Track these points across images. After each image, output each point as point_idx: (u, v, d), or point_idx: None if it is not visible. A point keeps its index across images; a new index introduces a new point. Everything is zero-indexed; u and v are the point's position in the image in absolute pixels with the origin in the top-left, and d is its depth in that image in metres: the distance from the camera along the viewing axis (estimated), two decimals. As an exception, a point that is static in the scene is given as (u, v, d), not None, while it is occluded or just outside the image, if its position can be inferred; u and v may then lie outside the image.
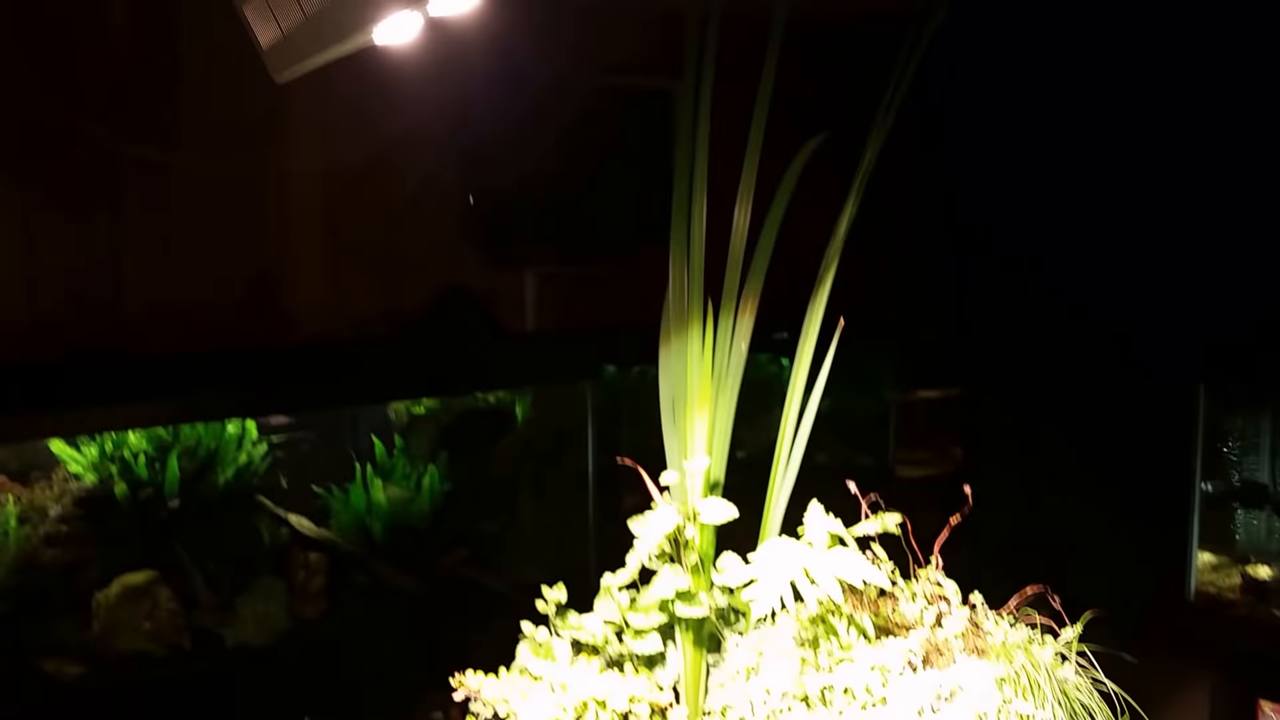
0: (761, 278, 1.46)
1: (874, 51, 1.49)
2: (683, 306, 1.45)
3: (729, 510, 1.40)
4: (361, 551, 2.44)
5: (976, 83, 3.38)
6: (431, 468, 2.49)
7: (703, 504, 1.41)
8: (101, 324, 2.56)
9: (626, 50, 3.27)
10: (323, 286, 2.81)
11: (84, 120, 2.48)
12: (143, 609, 2.18)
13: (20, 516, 2.21)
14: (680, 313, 1.46)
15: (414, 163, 2.94)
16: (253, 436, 2.37)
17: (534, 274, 3.12)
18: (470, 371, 2.48)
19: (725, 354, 1.46)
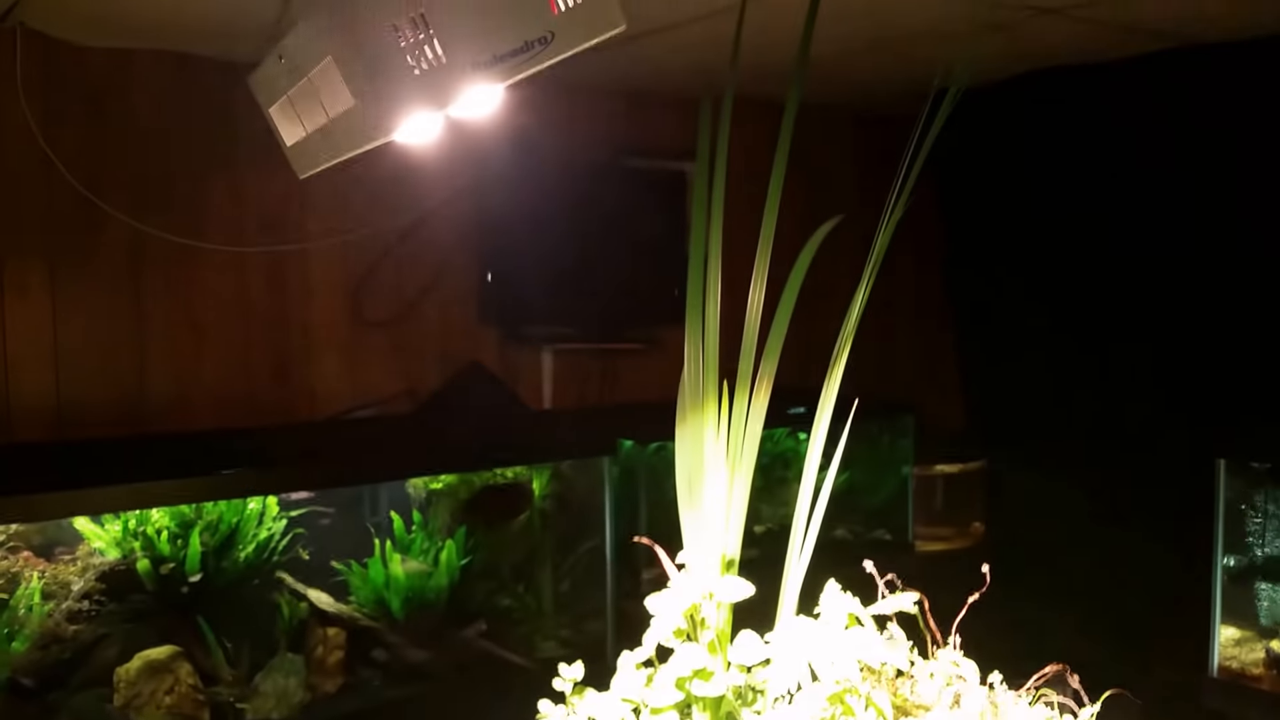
0: (776, 358, 1.48)
1: (897, 132, 1.52)
2: (698, 386, 1.47)
3: (745, 589, 1.40)
4: (380, 626, 2.44)
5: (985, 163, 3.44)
6: (449, 543, 2.50)
7: (719, 582, 1.42)
8: (127, 403, 2.61)
9: (644, 132, 3.34)
10: (344, 365, 2.86)
11: (112, 205, 2.56)
12: (164, 684, 2.19)
13: (44, 592, 2.24)
14: (695, 392, 1.48)
15: (433, 244, 3.00)
16: (273, 512, 2.39)
17: (552, 352, 3.16)
18: (488, 448, 2.50)
19: (740, 433, 1.48)
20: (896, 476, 3.33)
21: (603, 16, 0.97)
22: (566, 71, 3.03)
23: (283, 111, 1.12)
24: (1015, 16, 2.55)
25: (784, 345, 1.49)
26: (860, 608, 1.36)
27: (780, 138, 1.51)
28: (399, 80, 0.91)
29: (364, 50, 0.90)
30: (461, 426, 2.53)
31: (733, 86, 1.51)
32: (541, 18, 0.94)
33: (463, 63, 0.92)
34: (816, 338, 4.06)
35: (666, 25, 2.57)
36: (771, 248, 1.47)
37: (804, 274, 1.54)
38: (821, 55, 2.94)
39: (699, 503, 1.47)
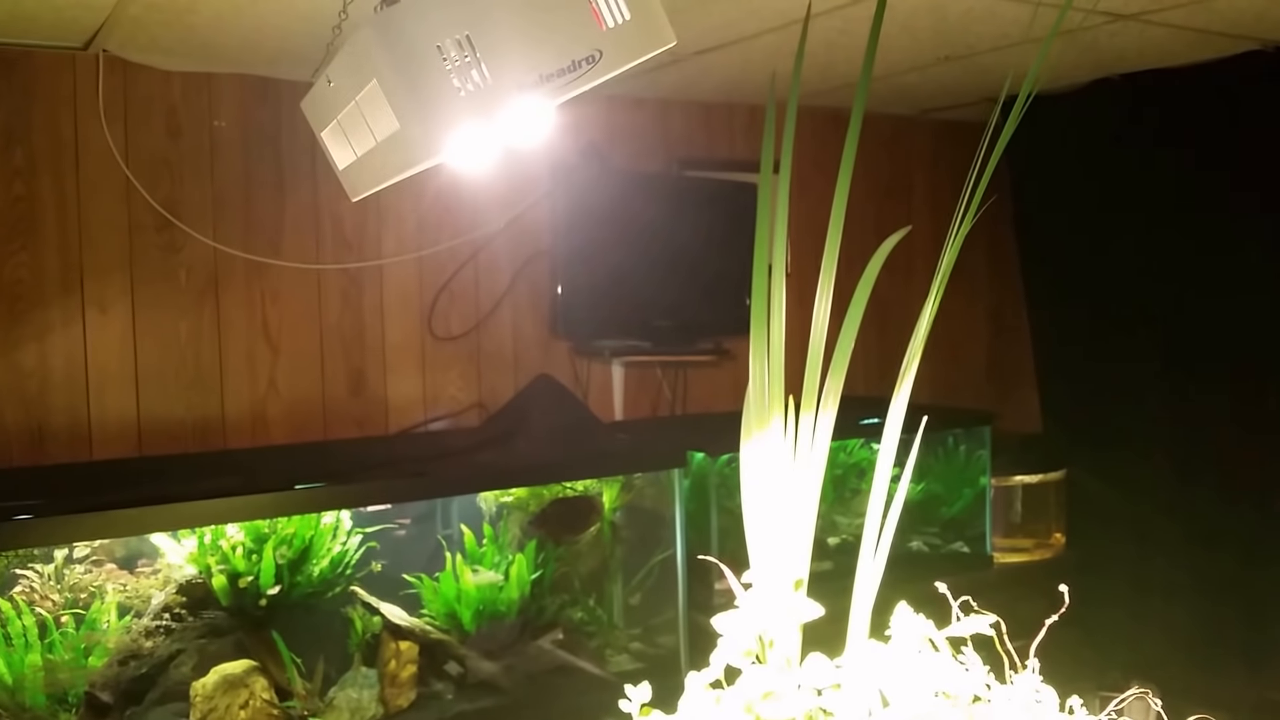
0: (843, 371, 1.45)
1: (971, 140, 1.48)
2: (763, 400, 1.45)
3: (814, 609, 1.37)
4: (451, 640, 2.45)
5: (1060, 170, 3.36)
6: (520, 556, 2.50)
7: (787, 601, 1.39)
8: (206, 419, 2.66)
9: (715, 143, 3.33)
10: (417, 379, 2.88)
11: (190, 225, 2.61)
12: (239, 699, 2.22)
13: (124, 606, 2.29)
14: (761, 406, 1.45)
15: (505, 258, 3.01)
16: (346, 527, 2.41)
17: (623, 364, 3.16)
18: (558, 461, 2.50)
19: (808, 449, 1.45)
20: (974, 487, 3.26)
21: (652, 33, 0.95)
22: (635, 85, 3.05)
23: (333, 135, 1.13)
24: (1087, 23, 2.49)
25: (860, 355, 1.47)
26: (934, 630, 1.32)
27: (845, 150, 1.48)
28: (444, 102, 0.91)
29: (408, 73, 0.90)
30: (531, 439, 2.53)
31: (795, 97, 1.49)
32: (589, 36, 0.93)
33: (509, 83, 0.92)
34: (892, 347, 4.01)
35: (736, 39, 2.56)
36: (846, 259, 1.44)
37: (871, 286, 1.50)
38: (892, 65, 2.90)
39: (766, 521, 1.44)
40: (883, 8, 1.40)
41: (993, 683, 1.32)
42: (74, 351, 2.51)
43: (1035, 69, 1.32)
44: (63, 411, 2.50)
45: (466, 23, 0.89)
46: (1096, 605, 3.04)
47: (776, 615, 1.39)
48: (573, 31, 0.93)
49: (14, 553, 2.11)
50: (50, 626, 2.11)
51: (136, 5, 2.10)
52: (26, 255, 2.45)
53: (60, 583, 2.33)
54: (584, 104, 3.12)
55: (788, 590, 1.44)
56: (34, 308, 2.46)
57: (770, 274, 1.48)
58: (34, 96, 2.44)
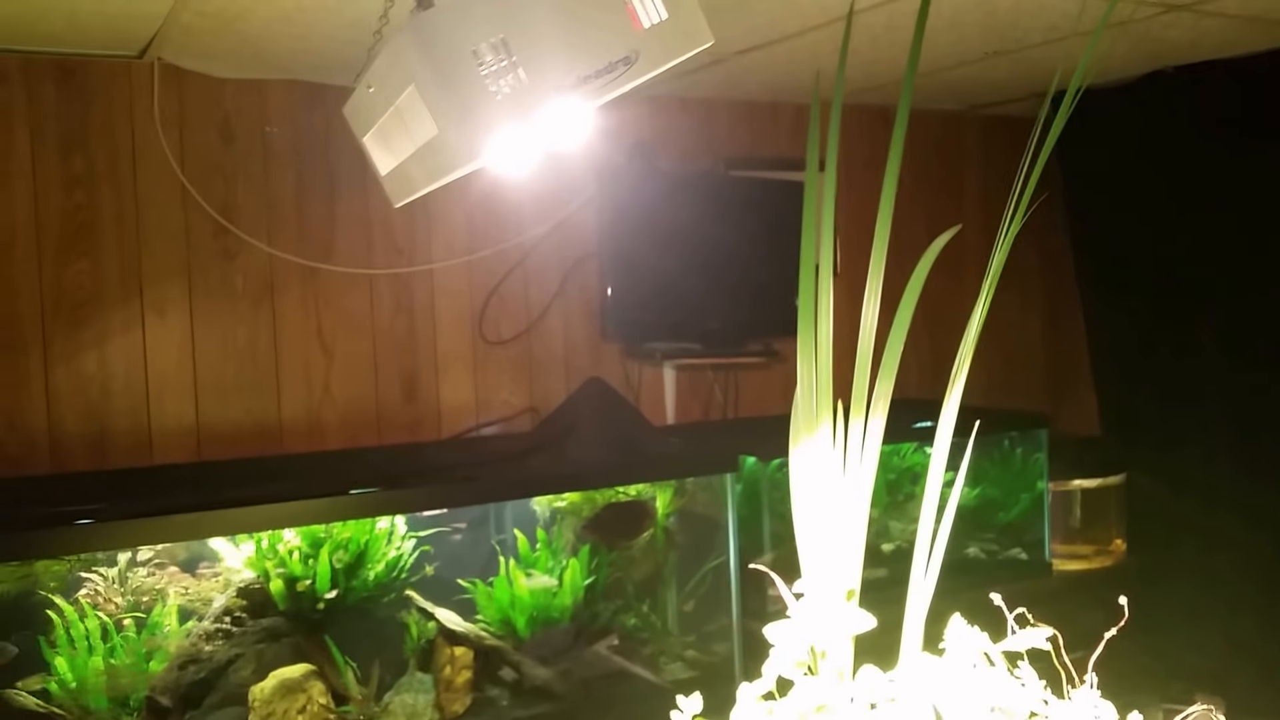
0: (893, 374, 1.42)
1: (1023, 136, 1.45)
2: (811, 404, 1.42)
3: (866, 620, 1.35)
4: (506, 645, 2.45)
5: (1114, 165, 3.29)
6: (573, 561, 2.50)
7: (838, 612, 1.36)
8: (263, 424, 2.69)
9: (763, 142, 3.30)
10: (469, 383, 2.89)
11: (245, 230, 2.64)
12: (296, 703, 2.24)
13: (184, 610, 2.32)
14: (809, 411, 1.43)
15: (555, 261, 3.01)
16: (401, 532, 2.42)
17: (674, 366, 3.14)
18: (609, 465, 2.49)
19: (858, 454, 1.42)
20: (1031, 492, 3.20)
21: (689, 33, 0.93)
22: (680, 85, 3.03)
23: (375, 141, 1.13)
24: (1139, 14, 2.43)
25: (912, 357, 1.44)
26: (989, 643, 1.29)
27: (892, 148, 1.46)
28: (481, 105, 0.90)
29: (445, 76, 0.90)
30: (582, 443, 2.53)
31: (839, 95, 1.46)
32: (626, 37, 0.92)
33: (546, 85, 0.91)
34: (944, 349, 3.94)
35: (779, 37, 2.53)
36: (896, 258, 1.42)
37: (921, 286, 1.47)
38: (939, 61, 2.86)
39: (816, 529, 1.42)
40: (927, 4, 1.37)
41: (1050, 698, 1.29)
42: (134, 357, 2.55)
43: (1084, 63, 1.28)
44: (123, 416, 2.54)
45: (502, 25, 0.88)
46: (1159, 614, 2.96)
47: (828, 626, 1.36)
48: (610, 33, 0.92)
49: (75, 557, 2.14)
50: (111, 630, 2.14)
51: (188, 14, 2.13)
52: (87, 263, 2.49)
53: (124, 586, 2.37)
54: (630, 105, 3.11)
55: (840, 600, 1.42)
56: (94, 314, 2.50)
57: (817, 274, 1.46)
58: (92, 105, 2.49)
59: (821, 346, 1.46)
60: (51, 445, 2.45)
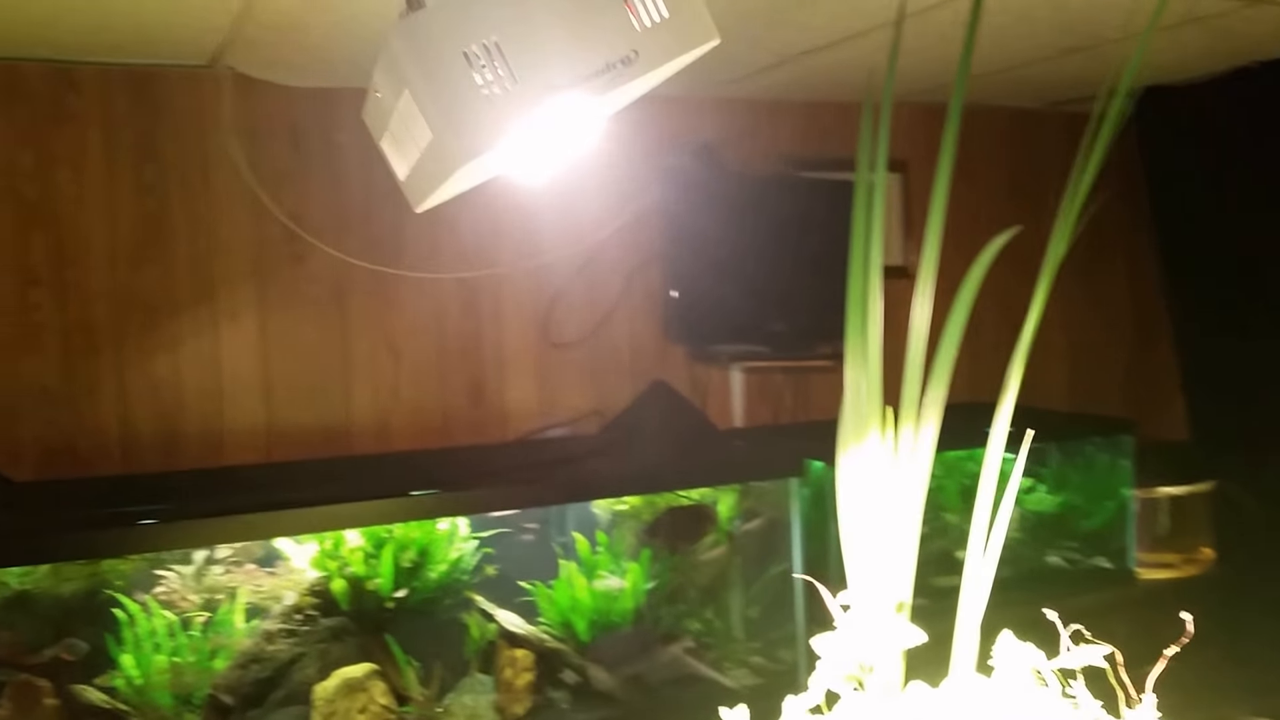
0: (946, 381, 1.37)
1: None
2: (860, 412, 1.38)
3: (915, 635, 1.30)
4: (567, 649, 2.44)
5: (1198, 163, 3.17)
6: (634, 565, 2.48)
7: (887, 626, 1.32)
8: (332, 426, 2.72)
9: (829, 142, 3.24)
10: (535, 386, 2.89)
11: (315, 236, 2.67)
12: (358, 703, 2.26)
13: (257, 608, 2.36)
14: (858, 418, 1.38)
15: (620, 264, 3.00)
16: (463, 533, 2.43)
17: (742, 369, 3.10)
18: (671, 469, 2.46)
19: (908, 463, 1.37)
20: (1115, 499, 3.09)
21: (692, 31, 0.90)
22: (745, 87, 2.99)
23: (389, 146, 1.12)
24: (1220, 8, 2.32)
25: (992, 360, 1.38)
26: (1044, 659, 1.23)
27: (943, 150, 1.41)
28: (473, 109, 0.88)
29: (436, 80, 0.88)
30: (644, 446, 2.51)
31: (889, 94, 1.42)
32: (624, 37, 0.89)
33: (540, 88, 0.88)
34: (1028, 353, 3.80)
35: (842, 37, 2.48)
36: (968, 260, 1.37)
37: (975, 291, 1.42)
38: (1012, 57, 2.77)
39: (864, 541, 1.38)
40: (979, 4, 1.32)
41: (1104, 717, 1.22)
42: (206, 360, 2.60)
43: (1135, 63, 1.22)
44: (195, 418, 2.59)
45: (495, 26, 0.86)
46: (1249, 625, 2.83)
47: (876, 640, 1.32)
48: (607, 32, 0.89)
49: (141, 556, 2.18)
50: (177, 629, 2.18)
51: (252, 25, 2.16)
52: (159, 269, 2.55)
53: (199, 583, 2.42)
54: (695, 106, 3.08)
55: (889, 614, 1.37)
56: (167, 319, 2.56)
57: (867, 276, 1.41)
58: (163, 113, 2.54)
59: (871, 351, 1.41)
60: (123, 447, 2.51)
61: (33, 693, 2.02)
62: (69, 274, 2.47)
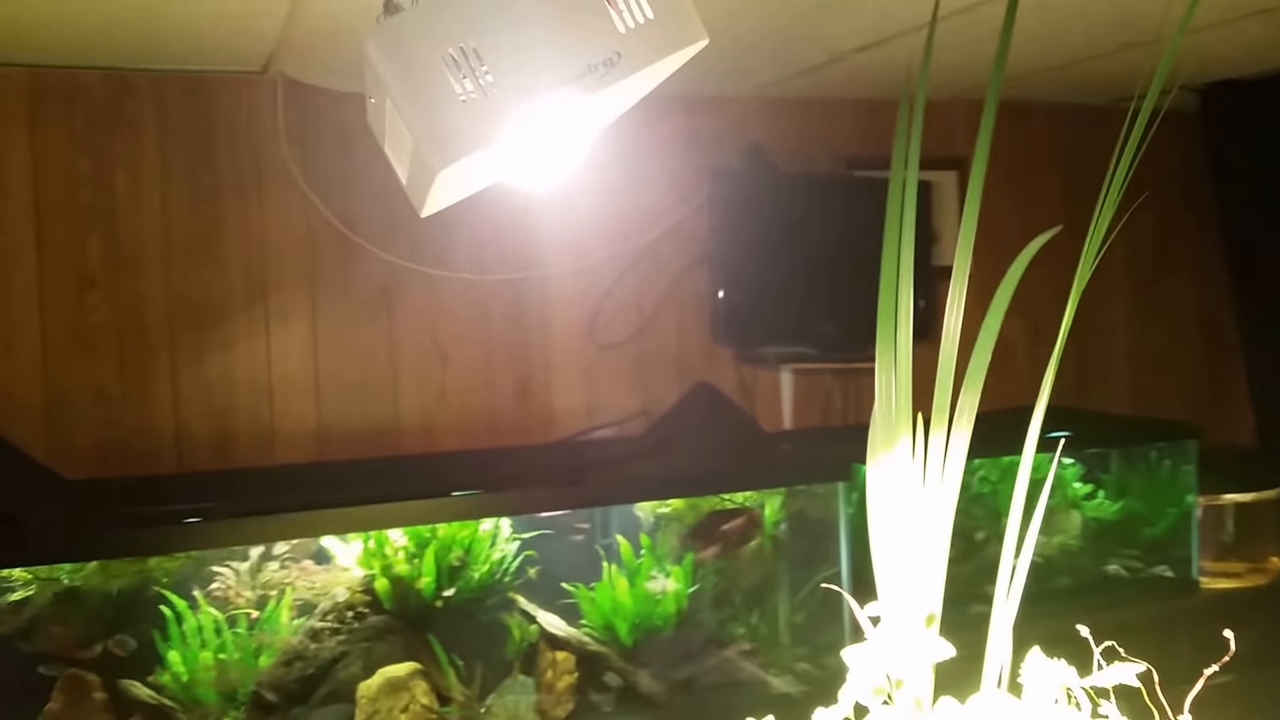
0: (979, 386, 1.34)
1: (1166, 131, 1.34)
2: (890, 419, 1.35)
3: (943, 649, 1.27)
4: (609, 652, 2.43)
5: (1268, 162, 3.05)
6: (676, 569, 2.46)
7: (916, 639, 1.29)
8: (380, 426, 2.74)
9: (884, 140, 3.19)
10: (581, 387, 2.89)
11: (364, 238, 2.70)
12: (400, 702, 2.27)
13: (309, 605, 2.38)
14: (888, 425, 1.35)
15: (668, 264, 2.98)
16: (505, 534, 2.43)
17: (792, 371, 3.07)
18: (714, 472, 2.44)
19: (939, 470, 1.34)
20: (1179, 506, 3.00)
21: (678, 31, 0.88)
22: (797, 85, 2.96)
23: (389, 151, 1.12)
24: (1281, 1, 2.24)
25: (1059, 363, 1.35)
26: (1075, 677, 1.19)
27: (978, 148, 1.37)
28: (450, 115, 0.87)
29: (413, 85, 0.87)
30: (687, 449, 2.49)
31: (923, 90, 1.38)
32: (606, 38, 0.87)
33: (519, 92, 0.87)
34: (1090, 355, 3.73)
35: (894, 33, 2.44)
36: (1035, 261, 1.33)
37: (1011, 293, 1.38)
38: (1070, 52, 2.71)
39: (893, 551, 1.35)
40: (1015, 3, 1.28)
41: (1137, 740, 1.18)
42: (258, 361, 2.64)
43: (1165, 63, 1.18)
44: (247, 418, 2.63)
45: (471, 30, 0.85)
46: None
47: (906, 653, 1.29)
48: (588, 34, 0.87)
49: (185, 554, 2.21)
50: (223, 625, 2.22)
51: (300, 31, 2.18)
52: (212, 271, 2.59)
53: (254, 580, 2.45)
54: (745, 106, 3.06)
55: (919, 626, 1.34)
56: (219, 321, 2.60)
57: (898, 277, 1.39)
58: (216, 119, 2.58)
59: (901, 355, 1.39)
60: (177, 446, 2.56)
61: (82, 686, 2.06)
62: (125, 277, 2.52)
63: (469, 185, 1.10)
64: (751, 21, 2.31)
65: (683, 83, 2.97)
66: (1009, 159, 3.35)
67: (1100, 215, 1.26)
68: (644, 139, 2.96)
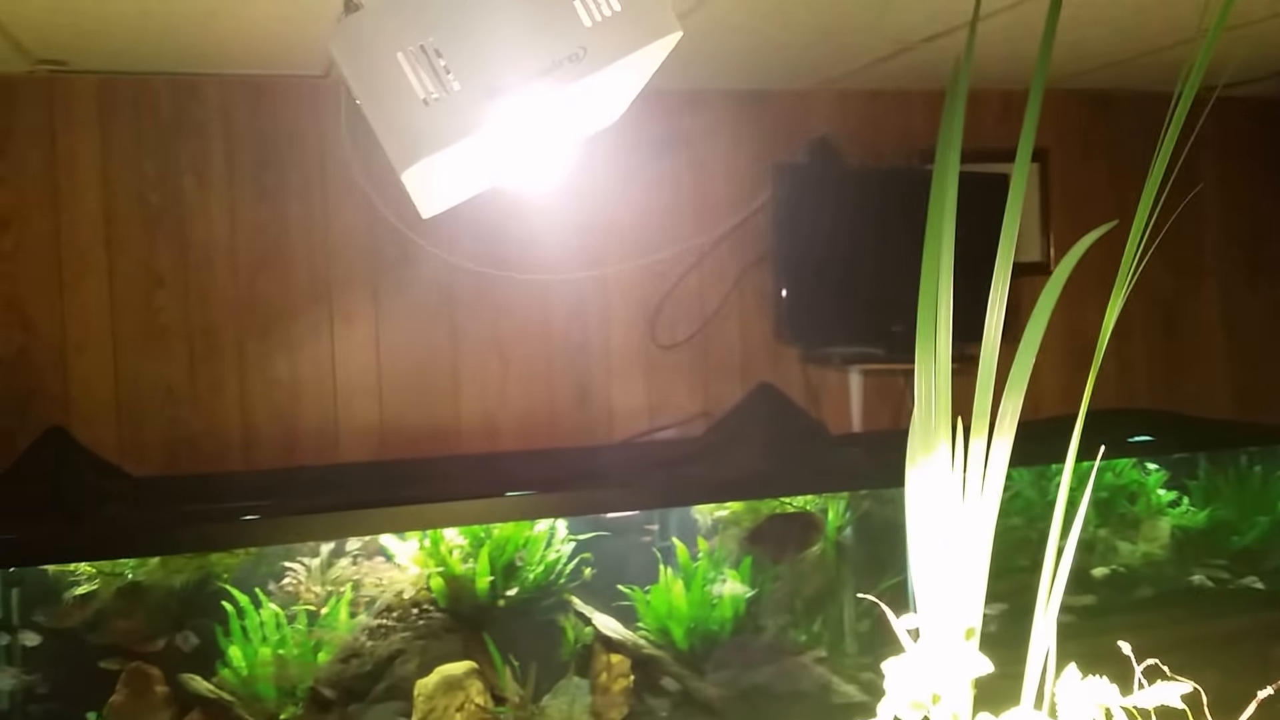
0: (1021, 392, 1.28)
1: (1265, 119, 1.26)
2: (928, 424, 1.30)
3: (981, 664, 1.22)
4: (664, 656, 2.41)
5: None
6: (732, 573, 2.42)
7: (954, 653, 1.24)
8: (442, 426, 2.75)
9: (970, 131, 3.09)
10: (642, 387, 2.86)
11: (426, 240, 2.71)
12: (455, 701, 2.28)
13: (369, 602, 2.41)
14: (926, 431, 1.30)
15: (732, 263, 2.94)
16: (561, 534, 2.42)
17: (861, 372, 3.00)
18: (770, 475, 2.39)
19: (979, 478, 1.28)
20: (1271, 514, 2.85)
21: (646, 24, 0.84)
22: (867, 76, 2.88)
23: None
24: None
25: (1143, 363, 1.28)
26: (1117, 695, 1.13)
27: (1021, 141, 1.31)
28: (411, 115, 0.85)
29: (374, 85, 0.85)
30: (747, 451, 2.44)
31: (965, 81, 1.33)
32: (570, 33, 0.84)
33: (481, 91, 0.84)
34: (1181, 354, 3.56)
35: (964, 21, 2.36)
36: (1113, 256, 1.26)
37: (1058, 293, 1.32)
38: (1152, 39, 2.60)
39: (932, 562, 1.29)
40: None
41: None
42: (322, 361, 2.67)
43: (1202, 59, 1.12)
44: (312, 417, 2.66)
45: (432, 28, 0.82)
46: None
47: (944, 668, 1.24)
48: (552, 28, 0.84)
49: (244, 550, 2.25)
50: (283, 621, 2.25)
51: (356, 33, 2.19)
52: (278, 272, 2.63)
53: (324, 575, 2.48)
54: (813, 99, 3.00)
55: (958, 640, 1.29)
56: (284, 321, 2.64)
57: (939, 275, 1.33)
58: (281, 123, 2.62)
59: (940, 357, 1.33)
60: (244, 444, 2.60)
61: (145, 679, 2.11)
62: (193, 278, 2.57)
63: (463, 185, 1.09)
64: (817, 12, 2.26)
65: (748, 77, 2.94)
66: (1099, 150, 3.22)
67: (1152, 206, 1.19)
68: (707, 135, 2.92)
